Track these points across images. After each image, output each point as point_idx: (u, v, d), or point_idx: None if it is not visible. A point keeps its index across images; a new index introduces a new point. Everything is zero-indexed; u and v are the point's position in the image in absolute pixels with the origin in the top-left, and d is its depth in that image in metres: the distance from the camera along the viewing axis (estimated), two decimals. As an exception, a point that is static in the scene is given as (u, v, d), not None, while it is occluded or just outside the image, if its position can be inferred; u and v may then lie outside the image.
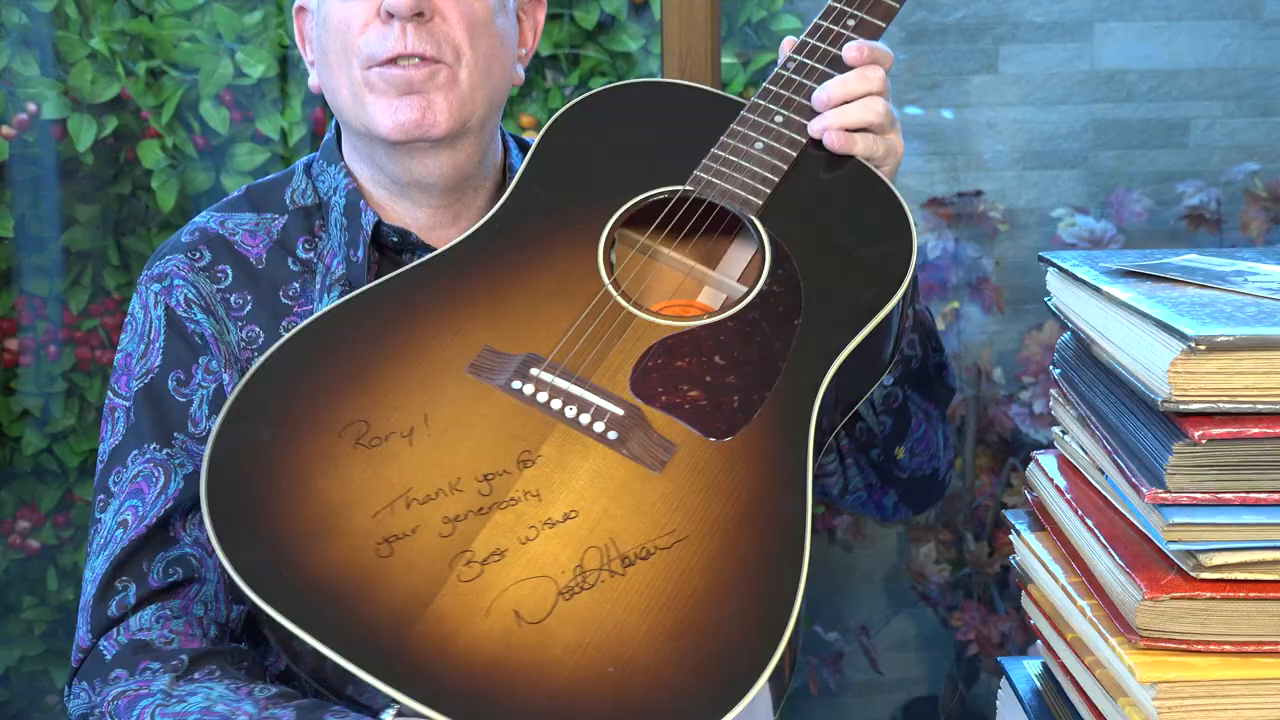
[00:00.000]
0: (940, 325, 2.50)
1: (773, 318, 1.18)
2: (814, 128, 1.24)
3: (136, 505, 1.26)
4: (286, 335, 1.18)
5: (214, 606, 1.27)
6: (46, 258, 2.39)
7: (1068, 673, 1.04)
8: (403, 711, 1.02)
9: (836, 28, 1.27)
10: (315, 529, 1.08)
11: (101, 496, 1.28)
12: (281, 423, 1.14)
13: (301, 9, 1.37)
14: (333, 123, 1.40)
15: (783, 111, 1.25)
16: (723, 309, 1.19)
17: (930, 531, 2.58)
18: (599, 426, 1.11)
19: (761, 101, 1.26)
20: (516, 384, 1.14)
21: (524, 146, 1.43)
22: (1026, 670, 1.14)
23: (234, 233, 1.34)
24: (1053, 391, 1.12)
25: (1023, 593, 1.14)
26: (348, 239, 1.32)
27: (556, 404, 1.13)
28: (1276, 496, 0.89)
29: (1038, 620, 1.10)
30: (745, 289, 1.21)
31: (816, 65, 1.26)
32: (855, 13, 1.27)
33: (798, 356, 1.16)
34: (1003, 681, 1.16)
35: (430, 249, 1.31)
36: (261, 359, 1.16)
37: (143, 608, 1.23)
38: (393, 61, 1.25)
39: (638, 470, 1.10)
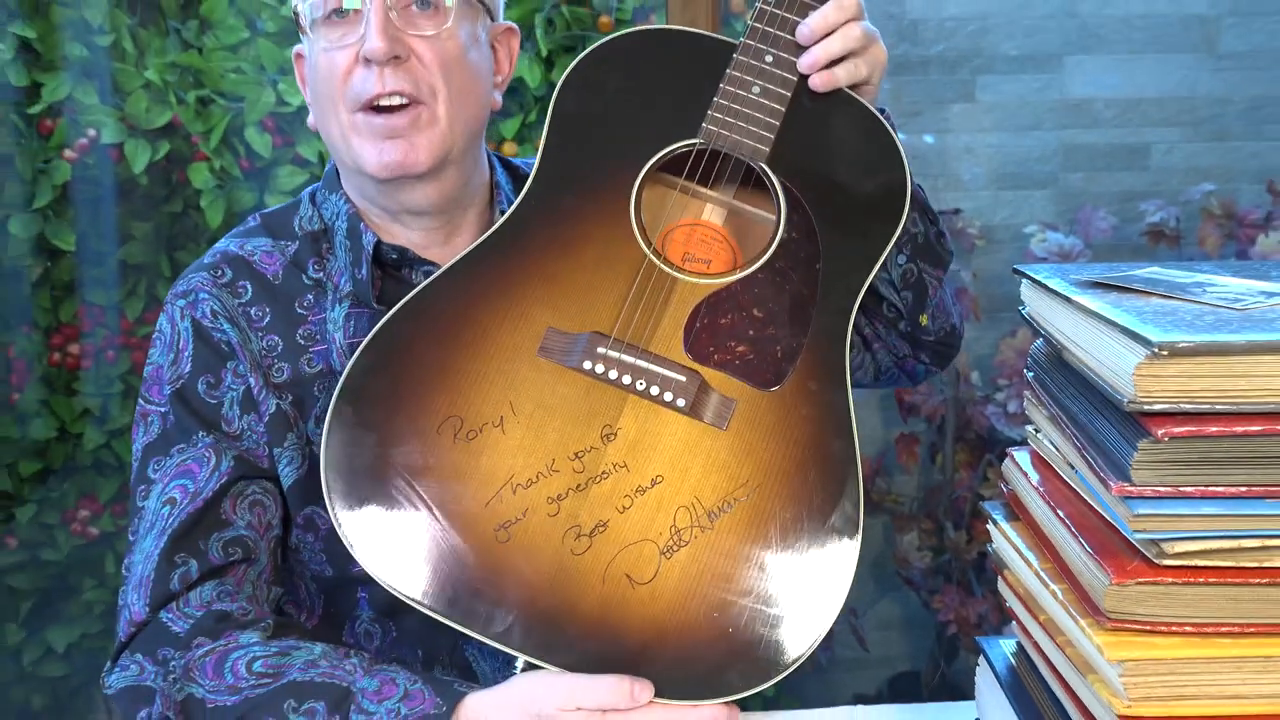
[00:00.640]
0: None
1: (797, 265, 1.19)
2: (802, 64, 1.21)
3: (186, 484, 1.25)
4: (360, 347, 1.17)
5: (262, 587, 1.26)
6: (105, 270, 2.39)
7: (1040, 651, 1.03)
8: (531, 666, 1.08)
9: None
10: (443, 526, 1.10)
11: (142, 487, 1.27)
12: (382, 428, 1.14)
13: (300, 55, 1.36)
14: (330, 163, 1.40)
15: (772, 50, 1.22)
16: (751, 261, 1.19)
17: (913, 521, 2.58)
18: (668, 395, 1.13)
19: (751, 42, 1.23)
20: (587, 363, 1.15)
21: (507, 165, 1.43)
22: (1002, 649, 1.14)
23: (252, 254, 1.33)
24: (1026, 393, 1.11)
25: (999, 578, 1.13)
26: (351, 259, 1.32)
27: (626, 379, 1.14)
28: (1234, 490, 0.88)
29: (1013, 603, 1.10)
30: (755, 209, 1.23)
31: (793, 1, 1.23)
32: None
33: (824, 299, 1.18)
34: (980, 659, 1.15)
35: (428, 263, 1.31)
36: (341, 380, 1.16)
37: (203, 583, 1.22)
38: (375, 103, 1.24)
39: (707, 430, 1.13)
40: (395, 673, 1.13)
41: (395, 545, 1.10)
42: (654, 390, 1.13)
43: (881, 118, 1.24)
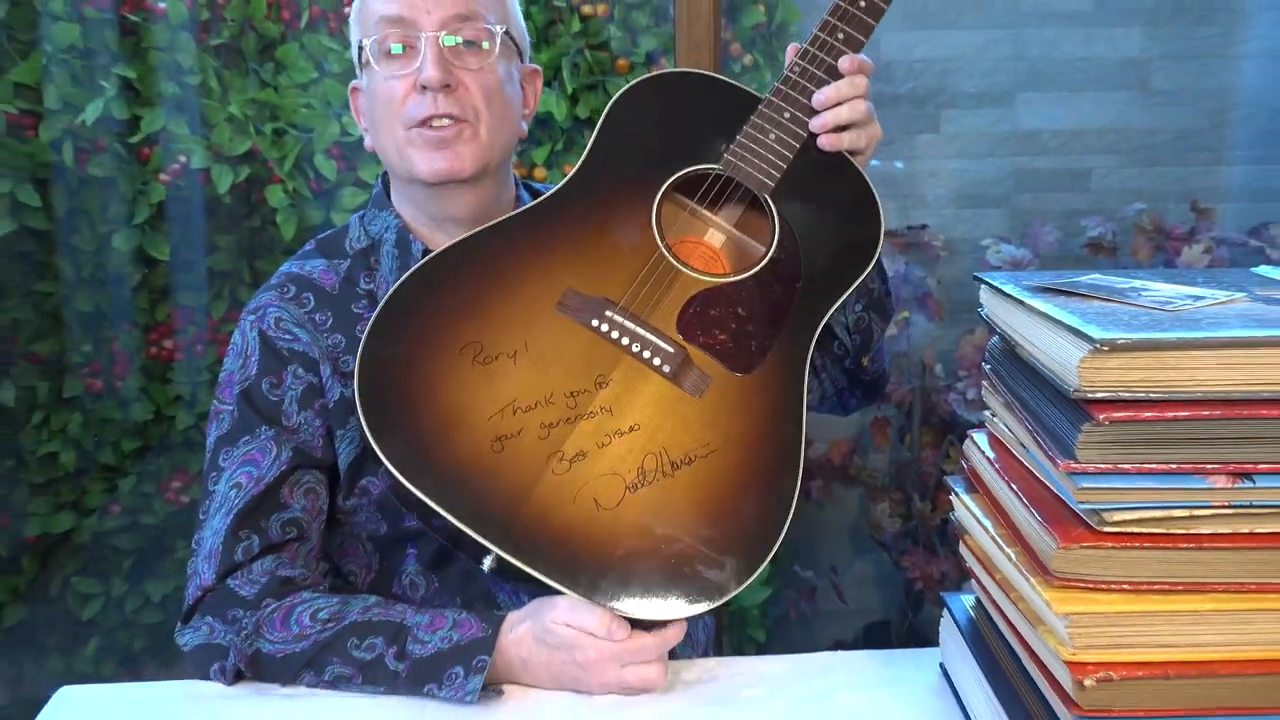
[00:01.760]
0: (892, 331, 2.50)
1: (780, 280, 1.23)
2: (814, 124, 1.26)
3: (251, 470, 1.26)
4: (406, 274, 1.22)
5: (312, 561, 1.28)
6: (195, 276, 2.40)
7: (996, 606, 1.03)
8: (500, 564, 1.10)
9: (830, 39, 1.27)
10: (445, 427, 1.13)
11: (213, 474, 1.28)
12: (412, 340, 1.18)
13: (355, 89, 1.40)
14: (378, 178, 1.43)
15: (790, 109, 1.27)
16: (743, 270, 1.24)
17: (885, 492, 2.57)
18: (657, 360, 1.17)
19: (774, 99, 1.27)
20: (595, 322, 1.19)
21: (529, 188, 1.45)
22: (963, 603, 1.14)
23: (311, 272, 1.35)
24: (984, 383, 1.11)
25: (959, 542, 1.13)
26: (399, 265, 1.34)
27: (625, 340, 1.18)
28: (1165, 467, 0.88)
29: (972, 563, 1.09)
30: (753, 243, 1.27)
31: (815, 71, 1.27)
32: (844, 28, 1.27)
33: (798, 311, 1.22)
34: (944, 611, 1.15)
35: None
36: (389, 293, 1.20)
37: (263, 556, 1.23)
38: (428, 121, 1.28)
39: (683, 396, 1.16)
40: (441, 610, 1.17)
41: (408, 440, 1.13)
42: (645, 354, 1.17)
43: (869, 182, 1.27)
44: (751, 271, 1.23)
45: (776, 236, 1.25)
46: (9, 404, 2.37)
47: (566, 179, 1.28)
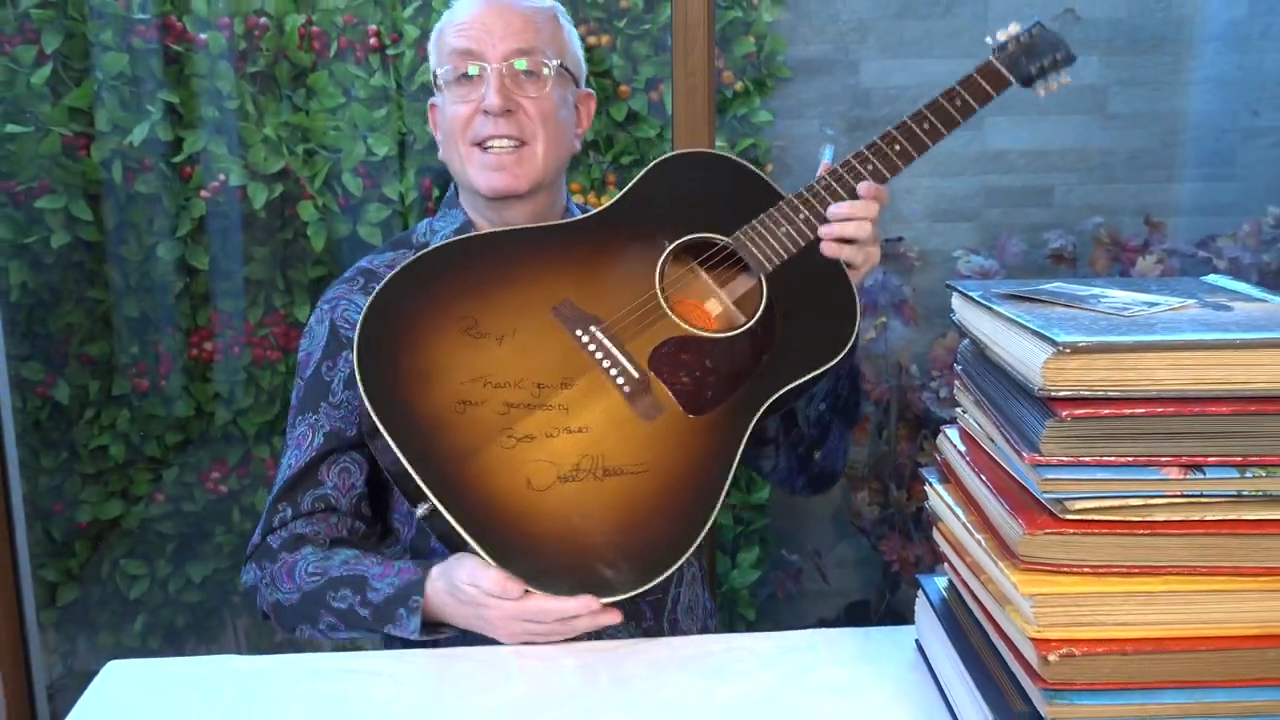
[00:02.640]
0: (872, 334, 2.49)
1: (752, 348, 1.24)
2: (823, 231, 1.28)
3: (296, 454, 1.34)
4: (440, 245, 1.27)
5: (336, 527, 1.34)
6: (232, 284, 2.39)
7: (967, 587, 1.02)
8: (432, 514, 1.12)
9: (860, 167, 1.30)
10: (422, 380, 1.16)
11: (285, 446, 1.38)
12: (422, 297, 1.21)
13: (434, 106, 1.44)
14: (452, 184, 1.47)
15: (806, 211, 1.29)
16: (722, 331, 1.25)
17: (865, 482, 2.57)
18: (620, 380, 1.19)
19: (795, 200, 1.29)
20: (579, 332, 1.21)
21: (579, 205, 1.48)
22: (936, 584, 1.13)
23: (379, 266, 1.40)
24: (955, 382, 1.10)
25: (933, 528, 1.12)
26: None
27: (599, 355, 1.20)
28: (1122, 459, 0.88)
29: (944, 548, 1.09)
30: (738, 312, 1.28)
31: (838, 188, 1.29)
32: (875, 162, 1.31)
33: (757, 379, 1.22)
34: (919, 592, 1.15)
35: None
36: (420, 254, 1.25)
37: (295, 521, 1.32)
38: (489, 141, 1.33)
39: (634, 417, 1.17)
40: (397, 561, 1.23)
41: (386, 374, 1.16)
42: (612, 371, 1.19)
43: (855, 292, 1.28)
44: (728, 333, 1.25)
45: (760, 312, 1.26)
46: (63, 401, 2.37)
47: (598, 210, 1.33)
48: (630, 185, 1.34)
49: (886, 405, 2.56)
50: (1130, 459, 0.87)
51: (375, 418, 1.13)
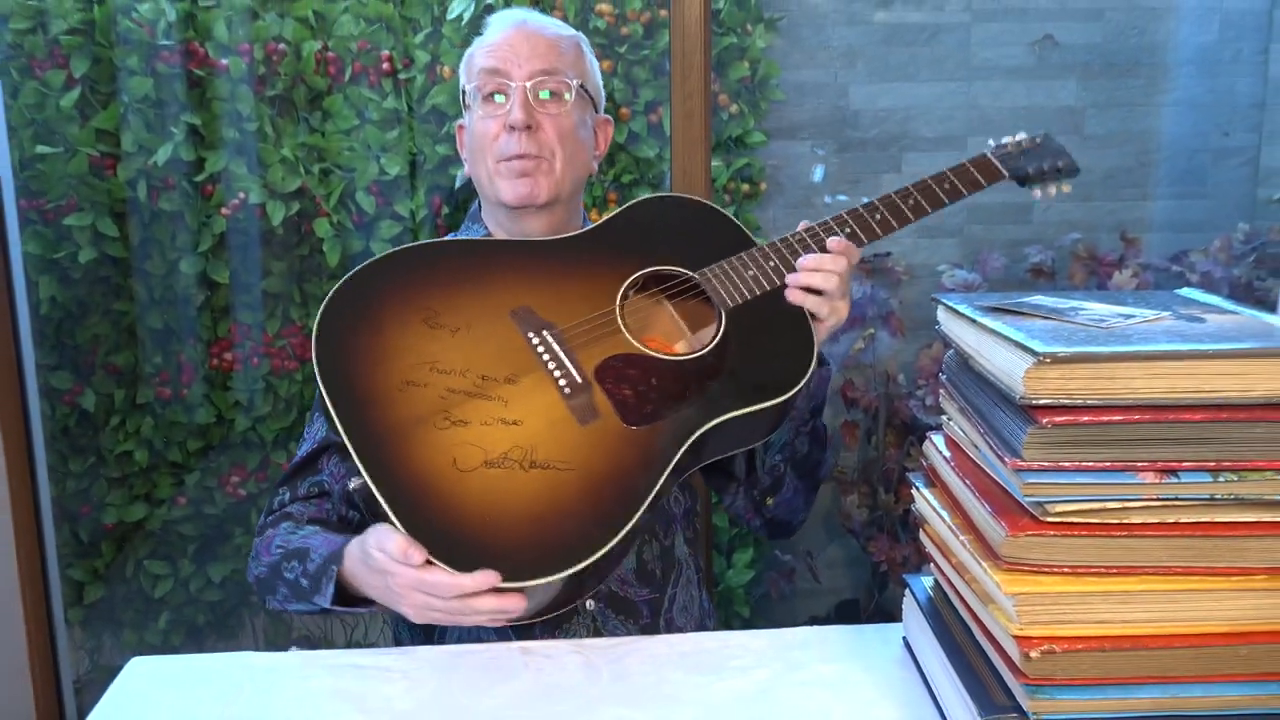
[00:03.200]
0: (860, 344, 2.49)
1: (699, 375, 1.21)
2: (789, 278, 1.26)
3: (303, 446, 1.38)
4: (434, 241, 1.29)
5: (333, 514, 1.35)
6: (251, 297, 2.39)
7: (952, 586, 1.02)
8: (360, 490, 1.10)
9: (838, 229, 1.29)
10: (373, 356, 1.16)
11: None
12: (393, 283, 1.22)
13: (461, 126, 1.46)
14: (475, 201, 1.48)
15: (775, 260, 1.28)
16: (674, 355, 1.23)
17: (854, 486, 2.57)
18: (562, 381, 1.17)
19: (767, 248, 1.29)
20: (531, 335, 1.20)
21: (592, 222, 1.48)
22: (923, 583, 1.13)
23: None
24: (941, 390, 1.10)
25: (920, 530, 1.12)
26: None
27: (546, 357, 1.18)
28: (1100, 464, 0.87)
29: (930, 549, 1.08)
30: (696, 345, 1.25)
31: (811, 243, 1.28)
32: (854, 226, 1.30)
33: (699, 404, 1.18)
34: (906, 591, 1.14)
35: None
36: (395, 250, 1.26)
37: (291, 504, 1.35)
38: (513, 157, 1.34)
39: (570, 418, 1.14)
40: (332, 533, 1.23)
41: (342, 343, 1.16)
42: (556, 373, 1.17)
43: (815, 343, 1.25)
44: (679, 359, 1.22)
45: (715, 343, 1.23)
46: (90, 409, 2.37)
47: (577, 233, 1.33)
48: (612, 214, 1.34)
49: (875, 412, 2.55)
50: (1108, 464, 0.87)
51: (320, 382, 1.13)
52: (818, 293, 1.25)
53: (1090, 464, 0.87)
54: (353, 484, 1.11)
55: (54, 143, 2.26)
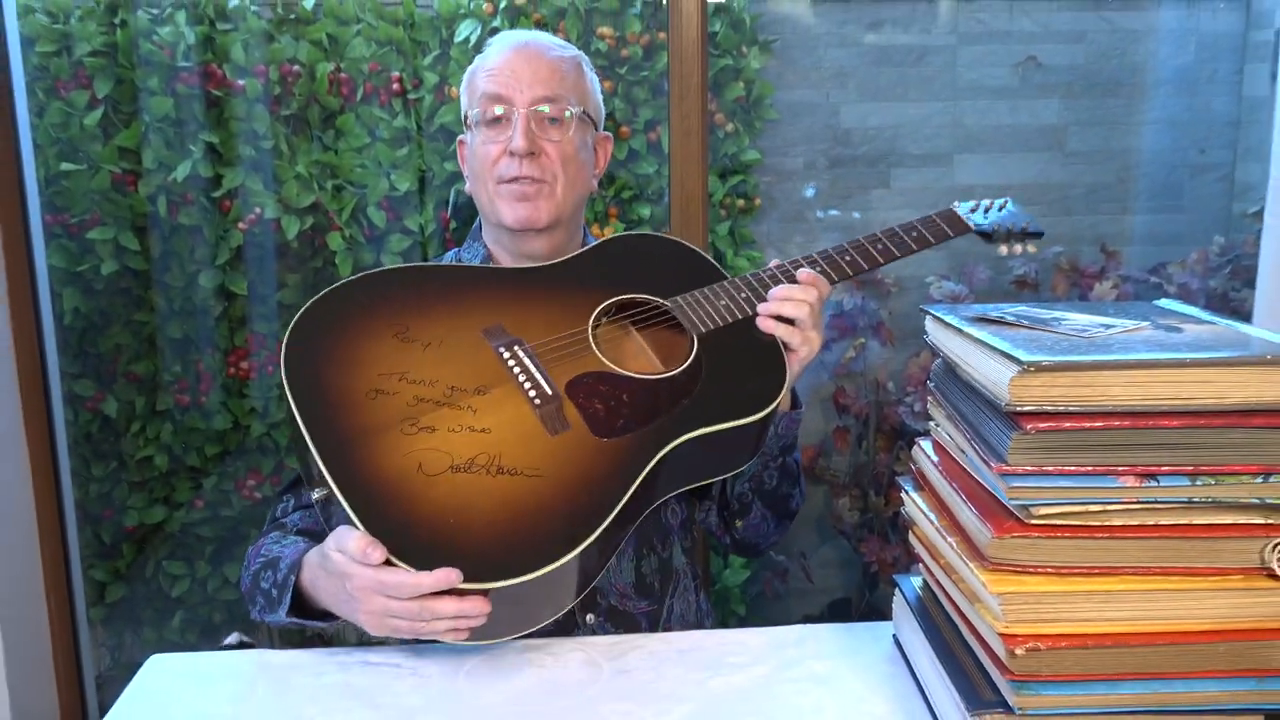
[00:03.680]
0: (851, 354, 2.49)
1: (671, 393, 1.19)
2: (760, 307, 1.25)
3: None
4: (413, 265, 1.27)
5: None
6: (267, 308, 2.39)
7: (940, 586, 1.02)
8: (328, 499, 1.06)
9: (805, 264, 1.28)
10: (343, 365, 1.13)
11: None
12: (365, 300, 1.20)
13: (462, 142, 1.43)
14: (477, 219, 1.45)
15: (747, 291, 1.27)
16: (646, 375, 1.20)
17: (846, 489, 2.56)
18: (532, 393, 1.14)
19: (739, 280, 1.28)
20: (502, 349, 1.18)
21: (595, 238, 1.47)
22: (912, 583, 1.12)
23: None
24: (929, 397, 1.10)
25: (909, 531, 1.12)
26: None
27: (516, 370, 1.16)
28: (1082, 469, 0.87)
29: (919, 550, 1.08)
30: (667, 370, 1.22)
31: (781, 277, 1.28)
32: (825, 266, 1.29)
33: (670, 418, 1.16)
34: (896, 590, 1.14)
35: None
36: (390, 268, 1.25)
37: (295, 512, 1.31)
38: (515, 179, 1.32)
39: (539, 428, 1.12)
40: (302, 541, 1.20)
41: (312, 351, 1.13)
42: (526, 385, 1.15)
43: (786, 371, 1.23)
44: (649, 375, 1.19)
45: (688, 364, 1.21)
46: (112, 415, 2.37)
47: (551, 263, 1.32)
48: (587, 248, 1.33)
49: (866, 419, 2.55)
50: (1090, 468, 0.87)
51: (288, 387, 1.09)
52: (789, 322, 1.24)
53: (1072, 468, 0.87)
54: (315, 494, 1.08)
55: (78, 160, 2.27)
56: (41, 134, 2.24)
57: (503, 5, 2.32)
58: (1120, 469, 0.87)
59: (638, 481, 1.09)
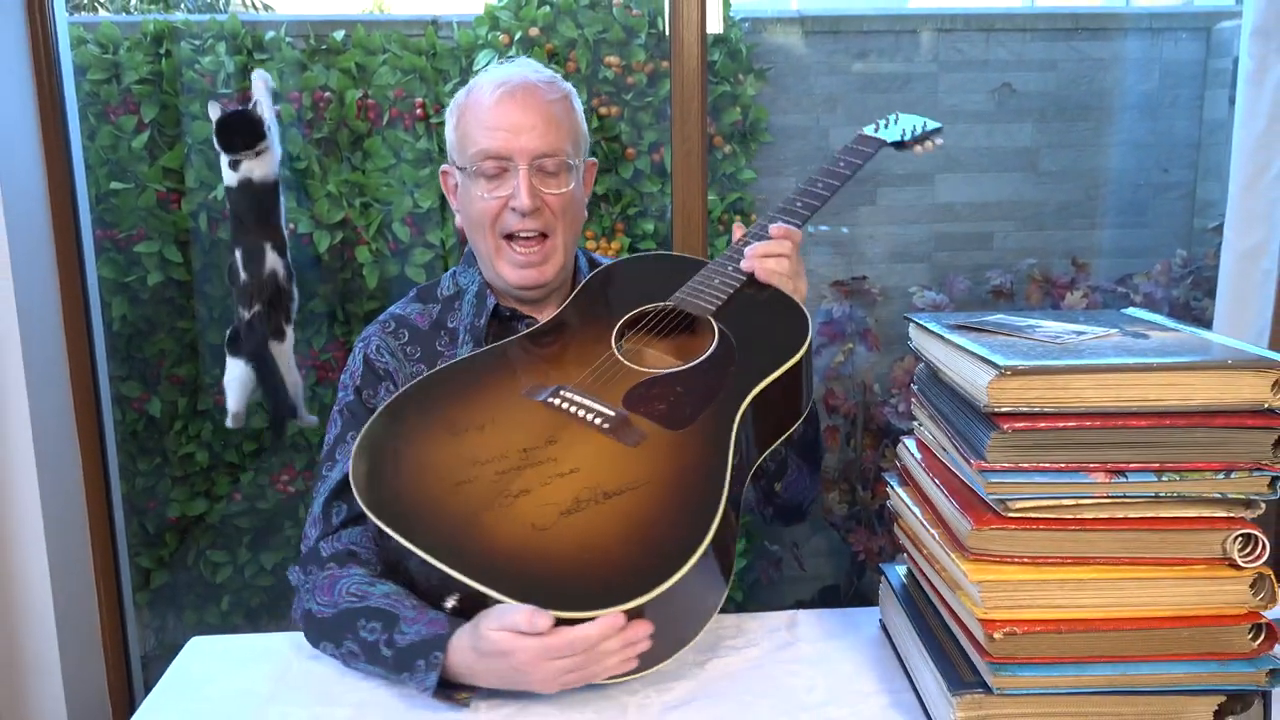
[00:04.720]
0: (840, 358, 2.49)
1: (716, 367, 1.15)
2: (744, 264, 1.23)
3: (344, 463, 1.23)
4: (425, 375, 1.20)
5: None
6: (300, 316, 2.39)
7: (923, 574, 1.01)
8: (459, 604, 1.00)
9: (770, 220, 1.27)
10: (418, 480, 1.06)
11: (327, 463, 1.26)
12: (404, 420, 1.13)
13: (445, 172, 1.35)
14: (468, 245, 1.39)
15: (730, 264, 1.25)
16: (686, 363, 1.17)
17: (836, 484, 2.56)
18: (598, 421, 1.09)
19: (719, 259, 1.26)
20: (551, 398, 1.12)
21: (590, 259, 1.42)
22: (897, 572, 1.12)
23: (410, 314, 1.34)
24: (913, 399, 1.10)
25: (894, 523, 1.12)
26: (474, 312, 1.32)
27: (573, 409, 1.11)
28: (1056, 465, 0.87)
29: (904, 541, 1.08)
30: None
31: (753, 240, 1.25)
32: (780, 216, 1.27)
33: (728, 388, 1.12)
34: (882, 578, 1.14)
35: (528, 317, 1.33)
36: (408, 386, 1.18)
37: (349, 525, 1.20)
38: (517, 234, 1.27)
39: (619, 446, 1.07)
40: (432, 610, 1.05)
41: (383, 486, 1.06)
42: (589, 418, 1.10)
43: (797, 299, 1.21)
44: (691, 364, 1.16)
45: (716, 341, 1.18)
46: (156, 415, 2.37)
47: (551, 318, 1.27)
48: (575, 292, 1.29)
49: (854, 418, 2.55)
50: (1063, 465, 0.87)
51: (383, 526, 1.02)
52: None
53: (1047, 465, 0.87)
54: (448, 604, 1.02)
55: (126, 179, 2.27)
56: (93, 155, 2.24)
57: (518, 37, 2.32)
58: (1091, 466, 0.87)
59: (730, 447, 1.06)
